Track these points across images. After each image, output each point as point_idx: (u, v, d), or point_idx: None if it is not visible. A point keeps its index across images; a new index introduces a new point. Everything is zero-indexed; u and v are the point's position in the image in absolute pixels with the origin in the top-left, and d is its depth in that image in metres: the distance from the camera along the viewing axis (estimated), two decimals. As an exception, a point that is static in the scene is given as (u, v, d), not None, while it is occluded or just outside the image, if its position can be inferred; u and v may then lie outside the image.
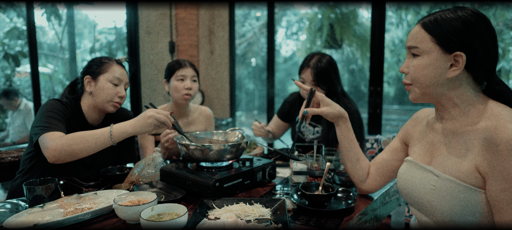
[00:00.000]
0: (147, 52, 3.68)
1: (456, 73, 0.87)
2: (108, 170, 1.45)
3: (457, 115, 0.91)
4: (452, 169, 0.87)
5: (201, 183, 1.17)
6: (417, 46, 0.90)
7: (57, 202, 1.08)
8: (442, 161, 0.91)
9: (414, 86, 0.94)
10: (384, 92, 2.83)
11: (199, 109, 1.98)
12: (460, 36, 0.85)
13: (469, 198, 0.83)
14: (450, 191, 0.85)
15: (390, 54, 8.23)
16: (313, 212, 1.08)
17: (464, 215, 0.84)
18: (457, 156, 0.88)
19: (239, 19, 7.84)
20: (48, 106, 1.41)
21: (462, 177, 0.85)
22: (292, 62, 10.01)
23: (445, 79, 0.88)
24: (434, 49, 0.88)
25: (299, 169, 1.35)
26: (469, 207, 0.84)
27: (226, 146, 1.26)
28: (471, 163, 0.85)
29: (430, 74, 0.89)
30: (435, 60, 0.88)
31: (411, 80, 0.94)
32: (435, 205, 0.88)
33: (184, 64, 1.80)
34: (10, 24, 5.44)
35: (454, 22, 0.85)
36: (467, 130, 0.88)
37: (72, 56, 6.17)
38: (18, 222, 0.95)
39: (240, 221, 0.93)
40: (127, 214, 0.98)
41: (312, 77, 1.77)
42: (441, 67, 0.88)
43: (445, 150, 0.92)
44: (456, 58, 0.86)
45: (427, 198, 0.90)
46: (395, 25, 7.12)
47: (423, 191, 0.92)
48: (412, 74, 0.93)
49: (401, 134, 1.15)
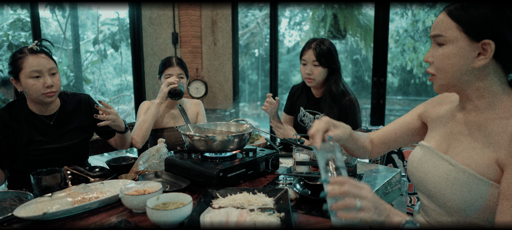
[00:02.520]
0: (150, 43, 3.69)
1: (484, 62, 0.81)
2: (114, 160, 1.48)
3: (483, 107, 0.87)
4: (470, 160, 0.85)
5: (205, 173, 1.19)
6: (442, 34, 0.85)
7: (65, 191, 1.11)
8: (460, 152, 0.89)
9: (438, 76, 0.89)
10: (388, 83, 2.83)
11: (190, 101, 2.19)
12: (489, 23, 0.79)
13: (480, 190, 0.82)
14: (464, 182, 0.84)
15: (394, 44, 8.17)
16: (316, 202, 1.10)
17: (469, 205, 0.84)
18: (477, 148, 0.85)
19: (242, 10, 7.79)
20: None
21: (479, 169, 0.83)
22: (295, 52, 9.97)
23: (471, 68, 0.83)
24: (460, 37, 0.83)
25: (302, 159, 1.37)
26: (477, 199, 0.83)
27: (230, 137, 1.27)
28: (491, 155, 0.82)
29: (456, 64, 0.84)
30: (461, 49, 0.83)
31: (435, 70, 0.89)
32: (446, 194, 0.87)
33: (171, 63, 1.99)
34: (13, 16, 5.46)
35: (481, 8, 0.80)
36: (493, 123, 0.84)
37: (75, 47, 6.19)
38: (28, 210, 0.97)
39: (243, 211, 0.95)
40: (133, 203, 1.00)
41: (314, 56, 1.79)
42: (468, 56, 0.83)
43: (465, 141, 0.89)
44: (484, 46, 0.81)
45: (439, 186, 0.89)
46: (400, 15, 7.05)
47: (436, 179, 0.90)
48: (437, 64, 0.88)
49: (419, 111, 1.10)
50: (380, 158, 2.03)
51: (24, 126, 1.47)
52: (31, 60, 1.39)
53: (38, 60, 1.40)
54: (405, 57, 8.02)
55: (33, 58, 1.39)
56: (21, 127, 1.47)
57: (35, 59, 1.39)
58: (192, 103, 2.18)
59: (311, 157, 1.39)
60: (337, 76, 1.84)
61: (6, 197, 1.11)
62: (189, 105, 2.15)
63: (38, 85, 1.40)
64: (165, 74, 1.98)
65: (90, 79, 6.99)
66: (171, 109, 2.08)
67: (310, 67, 1.81)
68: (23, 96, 1.51)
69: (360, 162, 1.61)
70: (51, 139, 1.51)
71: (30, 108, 1.49)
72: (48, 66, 1.42)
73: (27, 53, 1.40)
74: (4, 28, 5.39)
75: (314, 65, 1.80)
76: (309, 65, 1.81)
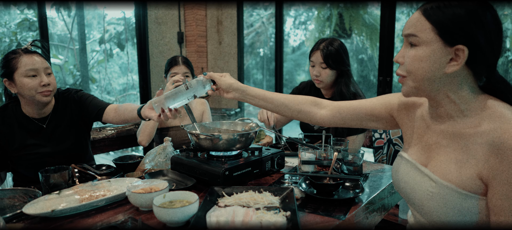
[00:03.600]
0: (156, 42, 3.70)
1: (456, 68, 0.79)
2: (120, 158, 1.49)
3: (454, 113, 0.85)
4: (451, 175, 0.82)
5: (211, 172, 1.19)
6: (416, 34, 0.82)
7: (73, 189, 1.12)
8: (440, 165, 0.86)
9: (408, 79, 0.85)
10: (393, 82, 2.81)
11: (195, 100, 2.20)
12: (464, 27, 0.77)
13: (468, 205, 0.80)
14: (448, 197, 0.81)
15: (401, 44, 8.12)
16: (321, 201, 1.10)
17: (460, 219, 0.81)
18: (457, 162, 0.82)
19: (247, 9, 7.78)
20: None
21: (461, 184, 0.80)
22: (301, 52, 9.95)
23: (442, 73, 0.80)
24: (434, 40, 0.79)
25: (308, 159, 1.37)
26: (467, 212, 0.80)
27: (236, 136, 1.28)
28: (472, 169, 0.79)
29: (427, 67, 0.81)
30: (434, 52, 0.80)
31: (406, 71, 0.85)
32: (431, 209, 0.85)
33: (177, 62, 2.01)
34: (21, 16, 5.52)
35: (457, 9, 0.77)
36: (468, 133, 0.81)
37: (82, 46, 6.24)
38: (36, 207, 0.98)
39: (249, 210, 0.95)
40: (140, 201, 1.01)
41: (322, 58, 1.75)
42: (439, 60, 0.80)
43: (444, 154, 0.86)
44: (457, 52, 0.78)
45: (424, 201, 0.86)
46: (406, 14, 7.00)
47: (420, 195, 0.88)
48: (407, 65, 0.84)
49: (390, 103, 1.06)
50: (386, 158, 2.03)
51: (16, 130, 1.47)
52: (26, 59, 1.38)
53: (33, 59, 1.40)
54: (411, 57, 7.95)
55: (27, 58, 1.39)
56: (12, 131, 1.46)
57: (30, 58, 1.39)
58: (197, 102, 2.19)
59: (316, 157, 1.39)
60: (347, 78, 1.80)
61: (15, 194, 1.12)
62: (194, 104, 2.16)
63: (34, 83, 1.39)
64: (171, 73, 1.99)
65: (96, 78, 7.04)
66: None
67: (318, 68, 1.78)
68: (16, 99, 1.49)
69: (366, 162, 1.61)
70: (44, 143, 1.50)
71: (23, 111, 1.48)
72: (44, 66, 1.42)
73: (21, 53, 1.40)
74: (11, 27, 5.45)
75: (322, 67, 1.77)
76: (317, 67, 1.78)
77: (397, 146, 1.97)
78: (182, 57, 2.04)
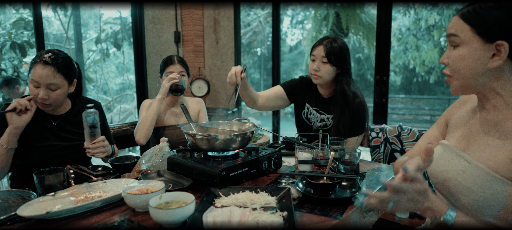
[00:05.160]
0: (153, 42, 3.69)
1: (499, 63, 0.83)
2: (117, 159, 1.48)
3: (501, 105, 0.88)
4: (486, 158, 0.85)
5: (207, 172, 1.19)
6: (457, 34, 0.87)
7: (68, 190, 1.11)
8: (477, 150, 0.89)
9: (454, 78, 0.90)
10: (390, 81, 2.81)
11: (191, 99, 2.21)
12: (501, 25, 0.81)
13: (496, 189, 0.82)
14: (479, 178, 0.84)
15: (397, 43, 8.14)
16: (318, 200, 1.10)
17: (487, 204, 0.83)
18: (493, 146, 0.86)
19: (244, 8, 7.77)
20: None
21: (494, 167, 0.83)
22: (298, 51, 9.95)
23: (486, 69, 0.85)
24: (473, 39, 0.84)
25: (305, 158, 1.37)
26: (494, 198, 0.82)
27: (232, 136, 1.27)
28: (507, 153, 0.82)
29: (471, 65, 0.86)
30: (475, 50, 0.84)
31: (451, 71, 0.90)
32: (460, 189, 0.87)
33: (173, 61, 2.02)
34: (16, 15, 5.47)
35: (494, 11, 0.82)
36: (509, 121, 0.85)
37: (78, 46, 6.20)
38: (31, 209, 0.97)
39: (246, 210, 0.95)
40: (136, 202, 1.01)
41: (324, 53, 1.74)
42: (482, 57, 0.84)
43: (483, 139, 0.90)
44: (498, 47, 0.82)
45: (455, 182, 0.89)
46: (402, 13, 7.02)
47: (452, 175, 0.90)
48: (452, 65, 0.89)
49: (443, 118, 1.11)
50: (383, 157, 2.03)
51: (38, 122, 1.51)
52: (37, 69, 1.41)
53: (42, 71, 1.41)
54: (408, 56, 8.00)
55: (39, 68, 1.41)
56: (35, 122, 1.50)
57: (41, 69, 1.41)
58: (193, 101, 2.18)
59: (313, 156, 1.39)
60: (348, 77, 1.79)
61: (9, 196, 1.11)
62: (190, 103, 2.16)
63: (34, 93, 1.44)
64: (166, 72, 2.00)
65: (93, 78, 7.01)
66: (172, 107, 2.09)
67: (318, 63, 1.76)
68: None
69: (363, 161, 1.60)
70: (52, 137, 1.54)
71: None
72: (48, 81, 1.42)
73: (39, 61, 1.43)
74: (6, 27, 5.41)
75: (322, 62, 1.75)
76: (317, 61, 1.77)
77: (394, 145, 1.97)
78: (178, 57, 2.04)
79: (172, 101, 2.09)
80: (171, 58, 2.03)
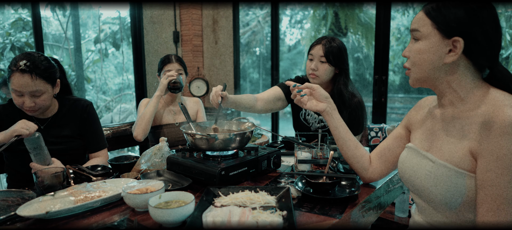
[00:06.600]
0: (152, 41, 3.69)
1: (454, 58, 0.87)
2: (116, 159, 1.48)
3: (456, 101, 0.92)
4: (448, 154, 0.89)
5: (207, 172, 1.19)
6: (418, 29, 0.92)
7: (68, 190, 1.11)
8: (439, 147, 0.93)
9: (413, 70, 0.96)
10: (389, 81, 2.82)
11: (190, 99, 2.21)
12: (460, 22, 0.85)
13: (459, 182, 0.86)
14: (444, 176, 0.88)
15: (396, 42, 8.14)
16: (318, 200, 1.10)
17: (451, 197, 0.87)
18: (453, 142, 0.90)
19: (243, 8, 7.77)
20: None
21: (455, 162, 0.87)
22: (297, 50, 9.95)
23: (442, 64, 0.89)
24: (433, 34, 0.89)
25: (304, 158, 1.37)
26: (457, 190, 0.86)
27: (232, 135, 1.27)
28: (465, 147, 0.86)
29: (428, 58, 0.91)
30: (433, 44, 0.89)
31: (410, 64, 0.96)
32: (429, 189, 0.91)
33: (170, 60, 2.03)
34: (15, 15, 5.46)
35: (456, 9, 0.86)
36: (465, 116, 0.89)
37: (77, 46, 6.19)
38: (30, 209, 0.97)
39: (245, 209, 0.95)
40: (136, 202, 1.01)
41: (322, 52, 1.74)
42: (439, 51, 0.89)
43: (443, 136, 0.94)
44: (455, 43, 0.87)
45: (423, 183, 0.93)
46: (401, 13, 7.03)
47: (420, 176, 0.94)
48: (412, 58, 0.95)
49: (404, 121, 1.16)
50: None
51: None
52: (16, 79, 1.37)
53: (22, 80, 1.37)
54: (407, 55, 7.98)
55: (18, 77, 1.37)
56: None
57: (20, 78, 1.37)
58: (191, 101, 2.19)
59: (313, 156, 1.39)
60: (345, 77, 1.79)
61: (9, 196, 1.11)
62: (188, 103, 2.16)
63: (19, 102, 1.42)
64: (164, 70, 2.01)
65: (92, 78, 7.00)
66: (170, 106, 2.09)
67: (316, 62, 1.76)
68: None
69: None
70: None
71: None
72: (30, 89, 1.39)
73: (15, 70, 1.37)
74: (5, 27, 5.40)
75: (320, 61, 1.75)
76: (315, 61, 1.76)
77: (393, 145, 1.97)
78: (175, 55, 2.06)
79: (170, 99, 2.09)
80: (169, 56, 2.05)
